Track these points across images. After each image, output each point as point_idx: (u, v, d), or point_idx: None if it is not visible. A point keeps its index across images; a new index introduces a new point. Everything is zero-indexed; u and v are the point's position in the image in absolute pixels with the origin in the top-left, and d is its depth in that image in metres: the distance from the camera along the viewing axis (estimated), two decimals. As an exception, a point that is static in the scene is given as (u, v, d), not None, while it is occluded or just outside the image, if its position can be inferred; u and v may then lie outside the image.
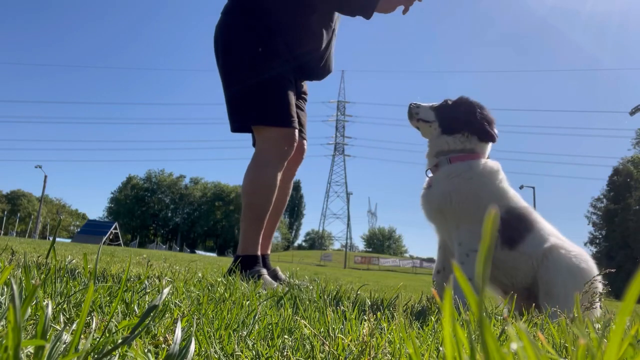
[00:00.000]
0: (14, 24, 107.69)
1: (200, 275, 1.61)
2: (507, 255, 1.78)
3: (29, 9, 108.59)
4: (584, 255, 1.75)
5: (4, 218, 54.75)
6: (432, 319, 1.06)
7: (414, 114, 2.06)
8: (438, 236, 1.99)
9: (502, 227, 1.76)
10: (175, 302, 0.99)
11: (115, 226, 45.54)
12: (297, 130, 2.18)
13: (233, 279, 1.52)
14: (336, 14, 2.34)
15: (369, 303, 1.39)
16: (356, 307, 1.07)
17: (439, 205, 1.85)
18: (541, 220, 1.86)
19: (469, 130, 1.90)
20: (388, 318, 1.02)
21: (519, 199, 1.87)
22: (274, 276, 2.24)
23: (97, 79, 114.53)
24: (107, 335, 0.61)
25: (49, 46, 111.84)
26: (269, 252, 2.37)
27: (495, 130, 1.91)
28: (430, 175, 1.96)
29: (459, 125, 1.92)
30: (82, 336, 0.60)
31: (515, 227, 1.78)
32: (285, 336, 0.79)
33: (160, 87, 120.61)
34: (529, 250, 1.76)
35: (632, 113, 25.60)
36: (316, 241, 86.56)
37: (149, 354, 0.56)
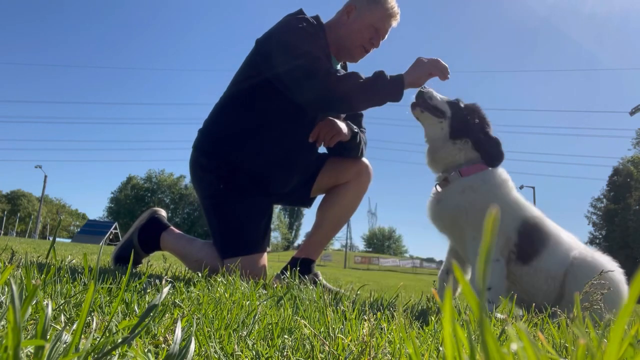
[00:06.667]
0: (14, 24, 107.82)
1: (200, 274, 1.61)
2: (521, 270, 1.70)
3: (28, 9, 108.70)
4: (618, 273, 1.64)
5: (4, 218, 54.78)
6: (433, 319, 1.06)
7: (427, 99, 1.89)
8: (450, 242, 1.96)
9: (518, 240, 1.70)
10: (175, 302, 0.99)
11: (115, 226, 45.52)
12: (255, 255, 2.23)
13: (233, 279, 1.52)
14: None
15: (369, 303, 1.39)
16: (356, 307, 1.07)
17: (454, 219, 1.79)
18: (558, 231, 1.77)
19: (475, 145, 1.83)
20: (388, 318, 1.02)
21: (532, 208, 1.80)
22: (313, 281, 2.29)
23: (97, 79, 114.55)
24: (108, 335, 0.61)
25: (49, 46, 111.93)
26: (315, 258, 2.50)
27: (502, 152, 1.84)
28: (439, 189, 1.88)
29: (466, 134, 1.84)
30: (82, 336, 0.60)
31: (530, 240, 1.72)
32: (285, 336, 0.79)
33: (161, 87, 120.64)
34: (546, 267, 1.68)
35: (632, 113, 25.61)
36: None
37: (149, 354, 0.56)
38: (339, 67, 2.37)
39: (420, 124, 1.99)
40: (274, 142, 2.20)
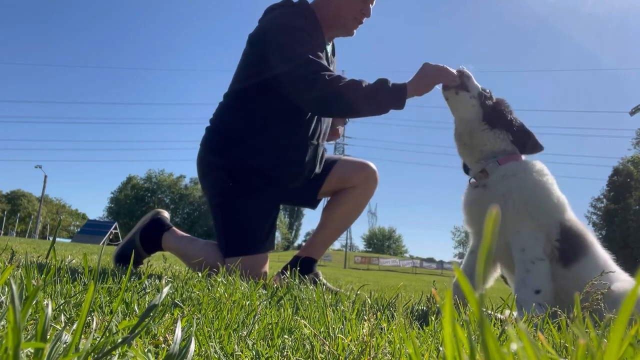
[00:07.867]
0: (14, 24, 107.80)
1: (200, 274, 1.61)
2: (560, 272, 1.62)
3: (29, 10, 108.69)
4: None
5: (4, 218, 54.76)
6: (433, 319, 1.06)
7: (465, 79, 1.90)
8: (473, 241, 1.89)
9: (560, 236, 1.63)
10: (175, 302, 0.99)
11: (115, 226, 45.48)
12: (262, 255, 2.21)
13: (233, 279, 1.52)
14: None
15: (369, 303, 1.39)
16: (356, 307, 1.07)
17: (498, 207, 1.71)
18: (597, 246, 1.69)
19: (511, 136, 1.81)
20: (388, 318, 1.02)
21: (571, 212, 1.73)
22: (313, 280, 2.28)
23: (97, 79, 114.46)
24: (108, 335, 0.61)
25: (49, 46, 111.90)
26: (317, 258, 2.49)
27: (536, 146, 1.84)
28: (474, 180, 1.82)
29: (500, 123, 1.83)
30: (82, 336, 0.60)
31: (570, 242, 1.64)
32: (285, 336, 0.79)
33: (160, 87, 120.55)
34: (586, 277, 1.53)
35: (632, 113, 25.62)
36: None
37: (149, 354, 0.56)
38: (329, 48, 2.35)
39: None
40: (280, 139, 2.21)
